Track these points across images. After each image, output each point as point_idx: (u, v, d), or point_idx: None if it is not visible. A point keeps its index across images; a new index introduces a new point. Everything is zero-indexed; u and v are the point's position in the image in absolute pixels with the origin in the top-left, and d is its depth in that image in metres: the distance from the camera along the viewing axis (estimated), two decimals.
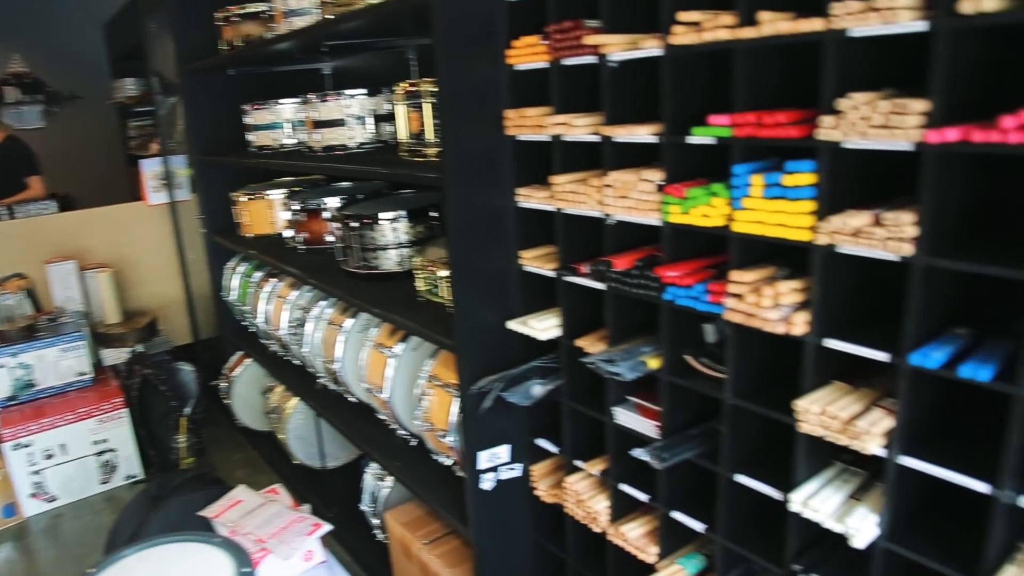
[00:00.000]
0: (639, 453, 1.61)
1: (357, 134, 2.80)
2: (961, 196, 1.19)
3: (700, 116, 1.40)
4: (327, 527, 2.50)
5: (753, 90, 1.33)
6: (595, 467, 1.90)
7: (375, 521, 2.81)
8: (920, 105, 1.08)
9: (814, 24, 1.17)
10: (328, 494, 3.32)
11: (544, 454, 2.12)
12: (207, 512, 2.61)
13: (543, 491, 2.10)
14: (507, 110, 1.82)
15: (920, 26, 1.07)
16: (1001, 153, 1.03)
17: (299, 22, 2.67)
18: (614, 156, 1.60)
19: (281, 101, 3.24)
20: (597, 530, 1.92)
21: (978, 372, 1.11)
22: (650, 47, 1.44)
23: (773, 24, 1.21)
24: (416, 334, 2.16)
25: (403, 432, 2.53)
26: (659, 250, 1.55)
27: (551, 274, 1.84)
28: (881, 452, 1.26)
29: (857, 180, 1.27)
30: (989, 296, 1.31)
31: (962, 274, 1.13)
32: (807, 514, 1.36)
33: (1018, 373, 1.07)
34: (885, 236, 1.15)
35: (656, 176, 1.49)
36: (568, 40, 1.60)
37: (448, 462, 2.29)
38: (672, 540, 1.76)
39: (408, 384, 2.37)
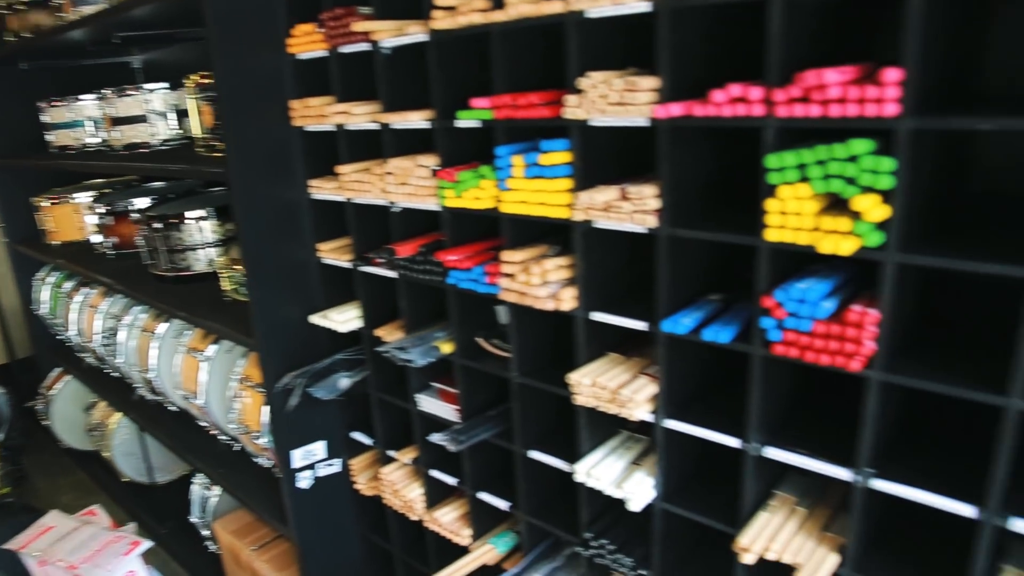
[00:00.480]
0: (436, 438, 1.62)
1: (160, 130, 2.66)
2: (706, 168, 1.25)
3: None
4: (147, 544, 2.39)
5: (512, 73, 1.35)
6: (407, 456, 1.89)
7: (206, 532, 2.70)
8: (649, 82, 1.12)
9: (554, 6, 1.20)
10: (161, 509, 3.16)
11: (361, 447, 2.09)
12: (12, 544, 2.43)
13: (363, 484, 2.07)
14: (292, 100, 1.77)
15: (644, 7, 1.11)
16: (721, 126, 1.09)
17: (88, 10, 2.50)
18: (395, 143, 1.59)
19: (81, 97, 3.02)
20: (414, 518, 1.92)
21: (719, 334, 1.17)
22: (415, 32, 1.44)
23: (517, 7, 1.23)
24: (220, 335, 2.08)
25: (224, 438, 2.44)
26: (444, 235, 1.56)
27: (348, 265, 1.81)
28: (648, 417, 1.31)
29: (612, 157, 1.31)
30: (745, 263, 1.39)
31: (714, 243, 1.18)
32: (590, 483, 1.40)
33: (753, 333, 1.15)
34: (632, 209, 1.20)
35: (431, 161, 1.49)
36: (340, 27, 1.57)
37: (268, 464, 2.22)
38: (483, 521, 1.78)
39: (223, 388, 2.28)
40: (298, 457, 2.00)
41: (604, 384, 1.30)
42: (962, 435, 1.18)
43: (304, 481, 2.03)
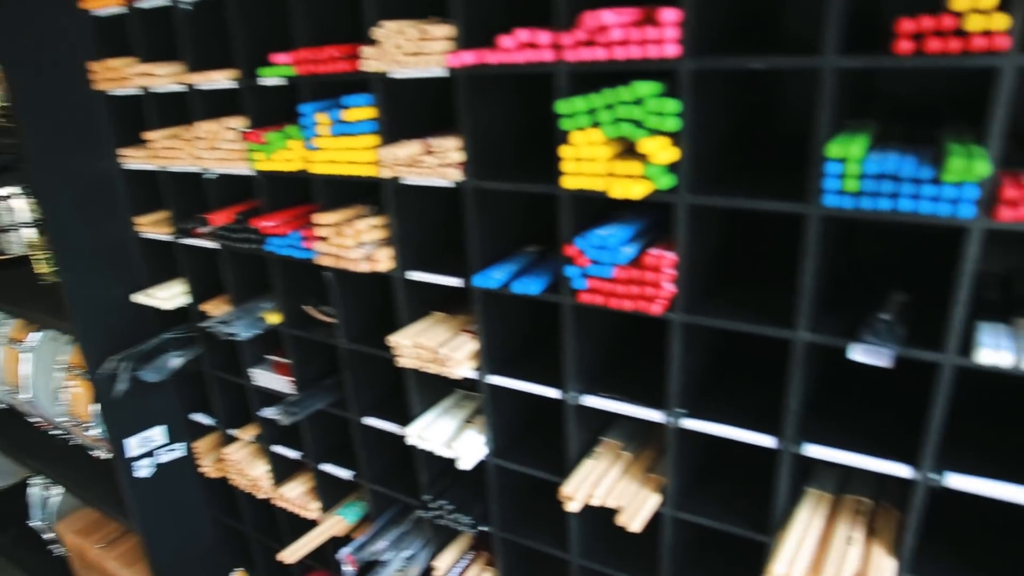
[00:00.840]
0: (268, 412, 1.56)
1: None
2: (515, 119, 1.23)
3: None
4: None
5: (314, 25, 1.28)
6: (248, 433, 1.83)
7: (50, 535, 2.54)
8: (443, 30, 1.09)
9: None
10: (0, 517, 2.95)
11: (204, 429, 2.01)
12: None
13: (208, 467, 1.99)
14: (91, 62, 1.64)
15: None
16: (517, 73, 1.07)
17: None
18: (204, 106, 1.49)
19: None
20: (263, 496, 1.86)
21: (529, 286, 1.16)
22: None
23: None
24: (33, 322, 1.94)
25: (58, 432, 2.28)
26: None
27: (169, 239, 1.71)
28: (471, 374, 1.30)
29: (422, 111, 1.28)
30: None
31: (531, 194, 1.15)
32: (422, 445, 1.38)
33: (562, 283, 1.14)
34: (436, 163, 1.17)
35: (239, 123, 1.41)
36: None
37: (106, 455, 2.10)
38: (331, 493, 1.74)
39: (49, 379, 2.13)
40: (134, 445, 1.89)
41: (424, 344, 1.28)
42: (772, 371, 1.22)
43: (143, 470, 1.93)
